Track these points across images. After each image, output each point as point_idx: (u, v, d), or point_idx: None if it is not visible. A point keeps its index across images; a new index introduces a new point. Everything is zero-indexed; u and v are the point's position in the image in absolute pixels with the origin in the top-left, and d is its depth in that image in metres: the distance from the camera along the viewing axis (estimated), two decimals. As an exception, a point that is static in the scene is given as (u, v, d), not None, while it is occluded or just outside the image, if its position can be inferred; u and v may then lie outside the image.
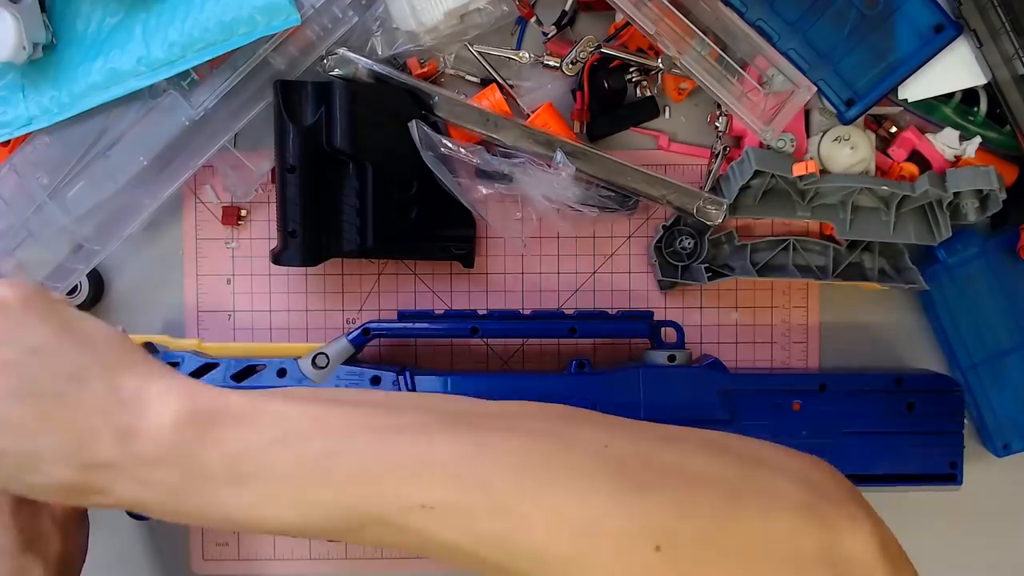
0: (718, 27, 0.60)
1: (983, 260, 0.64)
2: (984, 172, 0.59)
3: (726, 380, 0.61)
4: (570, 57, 0.63)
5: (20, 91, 0.59)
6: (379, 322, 0.61)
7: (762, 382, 0.61)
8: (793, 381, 0.62)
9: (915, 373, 0.63)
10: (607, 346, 0.67)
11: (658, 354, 0.61)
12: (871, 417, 0.61)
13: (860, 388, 0.61)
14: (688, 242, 0.65)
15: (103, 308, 0.66)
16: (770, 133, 0.60)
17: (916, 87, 0.60)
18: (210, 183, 0.66)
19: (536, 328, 0.62)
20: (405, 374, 0.60)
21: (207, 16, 0.56)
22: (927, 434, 0.61)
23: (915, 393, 0.61)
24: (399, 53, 0.62)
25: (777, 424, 0.61)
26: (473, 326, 0.61)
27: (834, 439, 0.61)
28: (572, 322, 0.61)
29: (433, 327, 0.61)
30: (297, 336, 0.67)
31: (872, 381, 0.62)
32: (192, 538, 0.67)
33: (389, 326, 0.61)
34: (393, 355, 0.67)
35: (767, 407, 0.61)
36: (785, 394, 0.61)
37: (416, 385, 0.60)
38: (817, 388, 0.61)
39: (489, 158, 0.61)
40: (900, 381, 0.62)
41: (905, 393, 0.61)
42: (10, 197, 0.60)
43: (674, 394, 0.61)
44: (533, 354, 0.67)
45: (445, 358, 0.67)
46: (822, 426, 0.61)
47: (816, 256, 0.66)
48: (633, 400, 0.60)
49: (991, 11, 0.58)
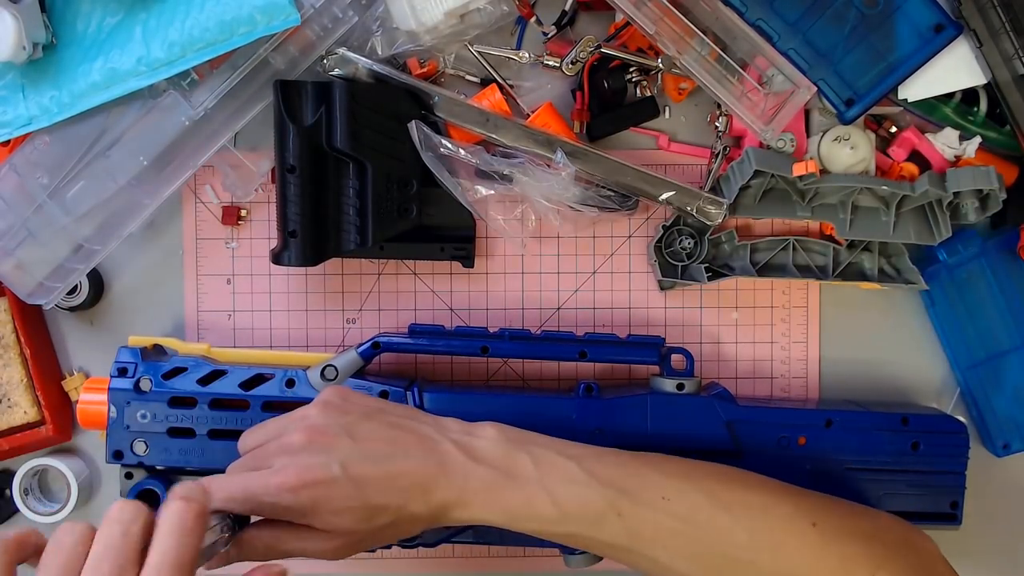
0: (718, 27, 0.60)
1: (983, 260, 0.64)
2: (984, 172, 0.59)
3: (734, 411, 0.61)
4: (570, 57, 0.63)
5: (20, 91, 0.59)
6: (389, 336, 0.61)
7: (769, 415, 0.61)
8: (800, 416, 0.62)
9: (921, 413, 0.63)
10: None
11: (667, 382, 0.61)
12: (875, 454, 0.61)
13: (866, 426, 0.62)
14: (688, 242, 0.65)
15: (103, 308, 0.67)
16: (770, 133, 0.60)
17: (916, 87, 0.60)
18: (210, 183, 0.66)
19: (546, 351, 0.62)
20: (413, 389, 0.60)
21: (207, 16, 0.56)
22: (930, 473, 0.62)
23: (921, 433, 0.62)
24: (399, 53, 0.62)
25: (782, 457, 0.61)
26: (484, 345, 0.61)
27: (837, 474, 0.61)
28: (582, 346, 0.61)
29: (445, 344, 0.61)
30: (297, 336, 0.67)
31: (878, 420, 0.62)
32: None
33: (400, 341, 0.61)
34: (395, 362, 0.67)
35: (773, 440, 0.61)
36: (791, 428, 0.61)
37: (425, 401, 0.60)
38: (823, 424, 0.61)
39: (489, 158, 0.61)
40: (907, 421, 0.62)
41: (911, 433, 0.62)
42: (10, 197, 0.60)
43: (682, 423, 0.61)
44: (535, 368, 0.68)
45: (445, 366, 0.67)
46: (826, 461, 0.61)
47: (816, 256, 0.66)
48: (640, 427, 0.60)
49: (991, 11, 0.58)
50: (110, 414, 0.59)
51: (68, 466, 0.65)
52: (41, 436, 0.64)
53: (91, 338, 0.67)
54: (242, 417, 0.59)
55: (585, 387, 0.61)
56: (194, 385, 0.59)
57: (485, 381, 0.68)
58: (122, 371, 0.59)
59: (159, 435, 0.59)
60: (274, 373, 0.60)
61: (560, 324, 0.67)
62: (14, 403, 0.64)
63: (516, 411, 0.60)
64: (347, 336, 0.67)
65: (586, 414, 0.60)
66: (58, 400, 0.66)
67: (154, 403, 0.59)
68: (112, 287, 0.67)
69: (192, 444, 0.59)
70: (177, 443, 0.59)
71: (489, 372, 0.67)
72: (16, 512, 0.66)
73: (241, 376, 0.60)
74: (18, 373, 0.64)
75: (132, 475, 0.60)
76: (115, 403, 0.59)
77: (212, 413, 0.59)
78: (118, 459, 0.59)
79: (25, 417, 0.64)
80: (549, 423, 0.59)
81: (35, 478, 0.66)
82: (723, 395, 0.62)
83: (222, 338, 0.66)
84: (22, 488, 0.65)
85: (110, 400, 0.59)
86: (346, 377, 0.60)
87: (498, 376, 0.68)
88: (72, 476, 0.65)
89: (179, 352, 0.61)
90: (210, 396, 0.59)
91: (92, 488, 0.67)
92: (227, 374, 0.60)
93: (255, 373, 0.60)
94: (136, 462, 0.59)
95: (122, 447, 0.59)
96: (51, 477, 0.67)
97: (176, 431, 0.59)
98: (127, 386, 0.59)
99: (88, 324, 0.67)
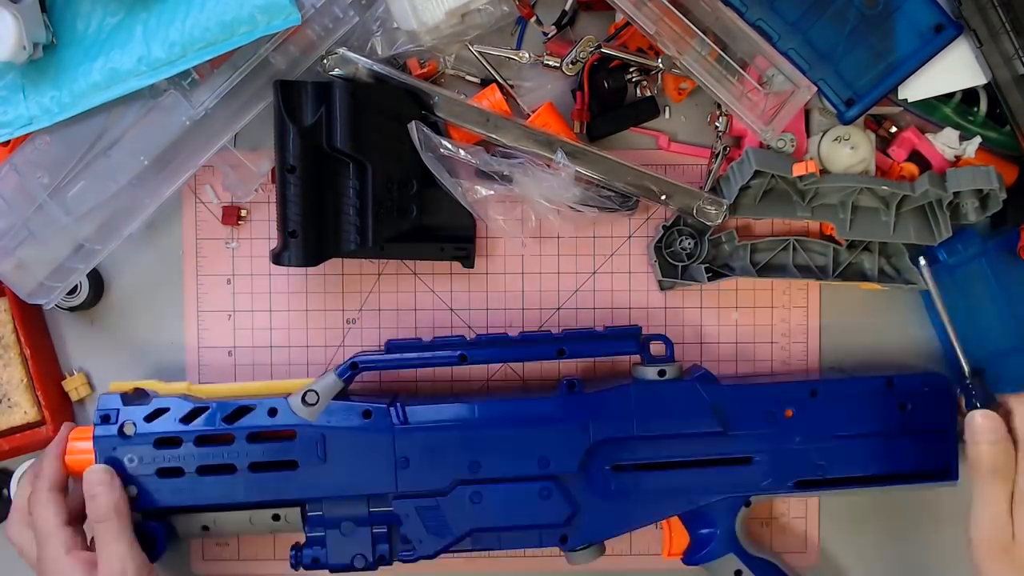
0: (718, 27, 0.60)
1: (983, 260, 0.64)
2: (984, 172, 0.59)
3: (718, 393, 0.61)
4: (570, 57, 0.63)
5: (21, 91, 0.59)
6: (367, 355, 0.61)
7: (753, 392, 0.62)
8: (784, 389, 0.62)
9: (906, 373, 0.63)
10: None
11: (648, 369, 0.61)
12: (864, 420, 0.61)
13: (851, 392, 0.61)
14: (688, 242, 0.65)
15: (103, 308, 0.67)
16: (770, 133, 0.60)
17: (916, 87, 0.60)
18: (210, 183, 0.66)
19: (524, 353, 0.62)
20: (396, 406, 0.60)
21: (208, 16, 0.56)
22: (921, 432, 0.62)
23: (906, 394, 0.62)
24: (399, 53, 0.62)
25: (770, 432, 0.61)
26: (462, 354, 0.60)
27: (827, 443, 0.61)
28: (560, 344, 0.61)
29: (421, 357, 0.61)
30: (297, 336, 0.67)
31: (863, 385, 0.62)
32: (192, 538, 0.67)
33: (377, 359, 0.61)
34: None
35: (760, 416, 0.61)
36: (777, 402, 0.61)
37: (408, 416, 0.60)
38: (808, 394, 0.61)
39: (489, 158, 0.61)
40: (891, 383, 0.62)
41: (896, 394, 0.61)
42: (11, 197, 0.60)
43: (666, 409, 0.61)
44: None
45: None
46: (815, 432, 0.61)
47: (816, 256, 0.66)
48: (626, 418, 0.60)
49: (991, 11, 0.58)
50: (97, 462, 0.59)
51: (68, 466, 0.65)
52: (41, 436, 0.64)
53: (91, 338, 0.67)
54: (228, 451, 0.59)
55: (568, 384, 0.61)
56: (177, 424, 0.60)
57: (485, 383, 0.68)
58: (105, 418, 0.60)
59: (149, 477, 0.59)
60: (255, 404, 0.60)
61: (560, 324, 0.67)
62: (14, 403, 0.64)
63: (500, 416, 0.60)
64: (347, 336, 0.67)
65: (570, 411, 0.60)
66: (58, 400, 0.65)
67: (140, 446, 0.59)
68: (112, 287, 0.67)
69: (182, 483, 0.59)
70: (167, 483, 0.59)
71: (489, 374, 0.68)
72: (16, 512, 0.66)
73: (223, 411, 0.60)
74: (18, 373, 0.64)
75: None
76: (101, 450, 0.59)
77: (199, 450, 0.59)
78: None
79: (25, 417, 0.64)
80: (535, 424, 0.60)
81: (35, 478, 0.66)
82: (706, 377, 0.61)
83: (222, 338, 0.67)
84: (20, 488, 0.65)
85: (96, 448, 0.59)
86: (327, 400, 0.60)
87: (496, 378, 0.68)
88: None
89: (160, 393, 0.61)
90: (195, 434, 0.59)
91: (92, 488, 0.67)
92: (209, 409, 0.60)
93: (237, 406, 0.60)
94: None
95: None
96: (51, 477, 0.67)
97: (165, 471, 0.59)
98: (111, 432, 0.59)
99: (88, 324, 0.67)
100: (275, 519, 0.61)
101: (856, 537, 0.68)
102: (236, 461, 0.59)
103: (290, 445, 0.60)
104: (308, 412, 0.60)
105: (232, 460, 0.59)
